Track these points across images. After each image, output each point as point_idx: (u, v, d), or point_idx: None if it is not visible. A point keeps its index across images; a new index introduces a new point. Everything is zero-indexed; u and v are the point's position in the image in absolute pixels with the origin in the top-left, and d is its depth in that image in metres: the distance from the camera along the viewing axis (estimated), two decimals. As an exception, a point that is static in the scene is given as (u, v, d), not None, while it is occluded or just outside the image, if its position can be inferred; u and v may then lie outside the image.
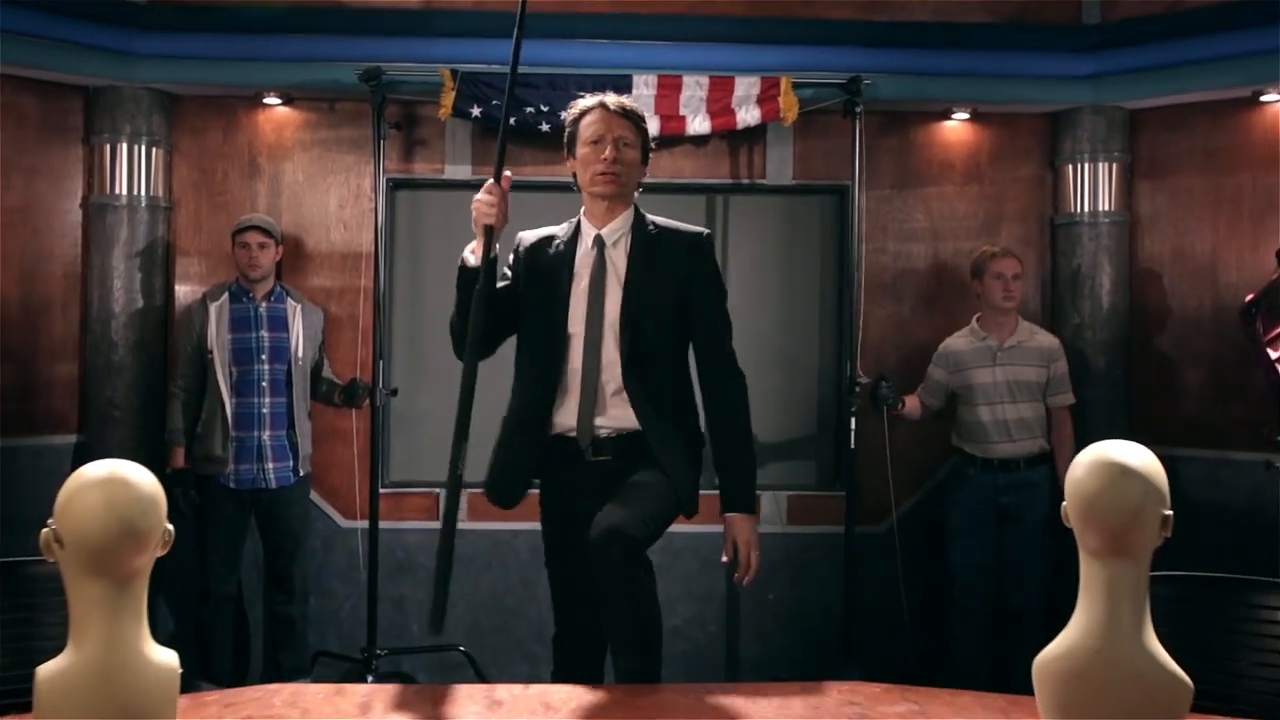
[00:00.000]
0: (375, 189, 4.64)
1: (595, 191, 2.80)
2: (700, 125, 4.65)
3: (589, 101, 2.84)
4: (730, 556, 2.72)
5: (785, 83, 4.60)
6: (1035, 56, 4.80)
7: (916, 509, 4.85)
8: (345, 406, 4.59)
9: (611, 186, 2.77)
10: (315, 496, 4.77)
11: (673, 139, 4.65)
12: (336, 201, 4.90)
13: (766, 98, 4.62)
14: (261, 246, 4.44)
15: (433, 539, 4.81)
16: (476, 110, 4.57)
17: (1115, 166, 4.87)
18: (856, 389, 4.56)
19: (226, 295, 4.46)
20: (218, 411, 4.37)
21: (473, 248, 2.74)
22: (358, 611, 4.67)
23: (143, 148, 4.72)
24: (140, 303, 4.73)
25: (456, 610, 4.80)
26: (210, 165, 4.89)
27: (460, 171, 4.90)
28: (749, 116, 4.64)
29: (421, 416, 4.90)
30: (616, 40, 4.69)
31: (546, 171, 4.73)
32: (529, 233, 2.92)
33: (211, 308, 4.43)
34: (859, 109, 4.56)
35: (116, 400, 4.67)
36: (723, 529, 2.76)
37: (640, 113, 2.88)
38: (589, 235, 2.83)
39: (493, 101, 4.53)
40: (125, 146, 4.70)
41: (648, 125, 2.90)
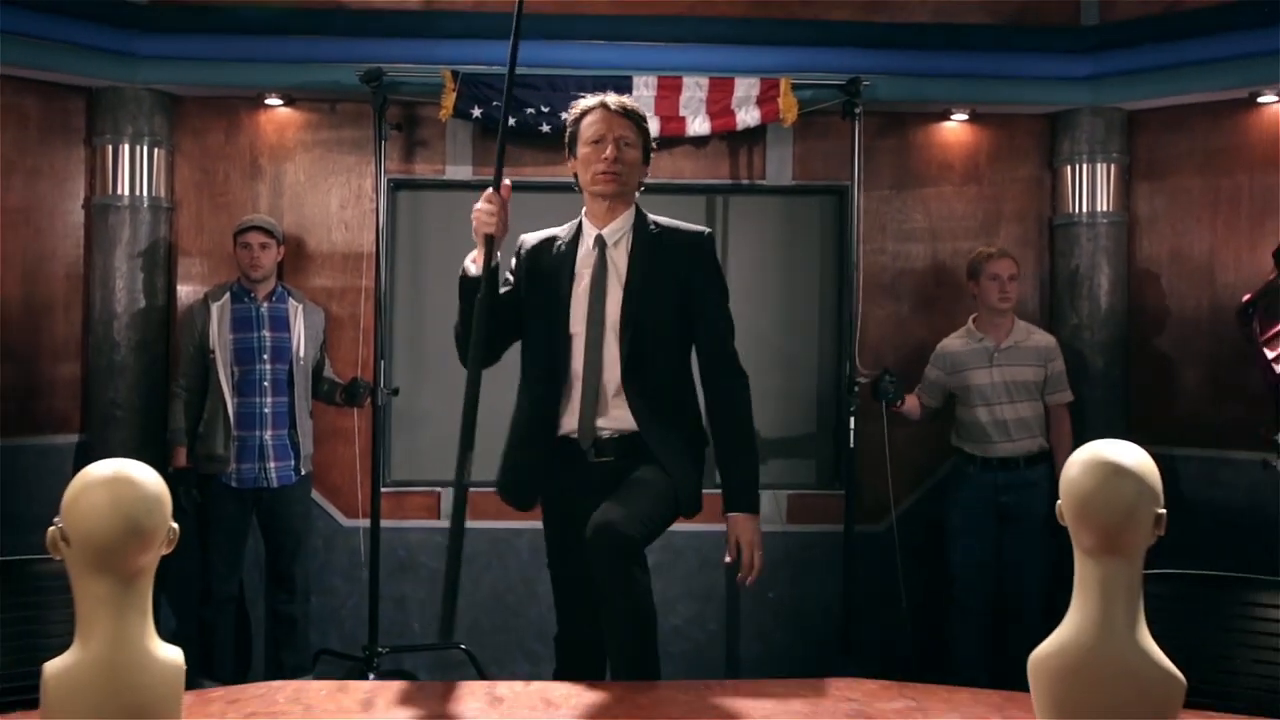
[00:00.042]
0: (376, 189, 4.65)
1: (596, 191, 2.79)
2: (700, 126, 4.66)
3: (590, 101, 2.82)
4: (733, 557, 2.70)
5: (785, 84, 4.62)
6: (1034, 58, 4.81)
7: (916, 508, 4.87)
8: (347, 405, 4.60)
9: (613, 185, 2.76)
10: (317, 495, 4.78)
11: (672, 140, 4.66)
12: (338, 202, 4.92)
13: (766, 99, 4.64)
14: (263, 247, 4.46)
15: (434, 538, 4.88)
16: (477, 111, 4.58)
17: (1113, 167, 4.88)
18: (856, 388, 4.58)
19: (228, 295, 4.47)
20: (220, 411, 4.39)
21: (474, 256, 2.71)
22: (359, 610, 4.68)
23: (145, 148, 4.73)
24: (142, 303, 4.74)
25: (458, 608, 4.83)
26: (212, 166, 4.90)
27: (461, 172, 4.91)
28: (749, 117, 4.65)
29: (423, 416, 4.92)
30: (616, 42, 4.70)
31: (547, 172, 4.75)
32: (530, 235, 2.90)
33: (213, 308, 4.45)
34: (858, 110, 4.58)
35: (119, 400, 4.68)
36: (724, 528, 2.74)
37: (641, 112, 2.86)
38: (590, 235, 2.82)
39: (493, 103, 4.54)
40: (127, 147, 4.71)
41: (648, 125, 2.88)
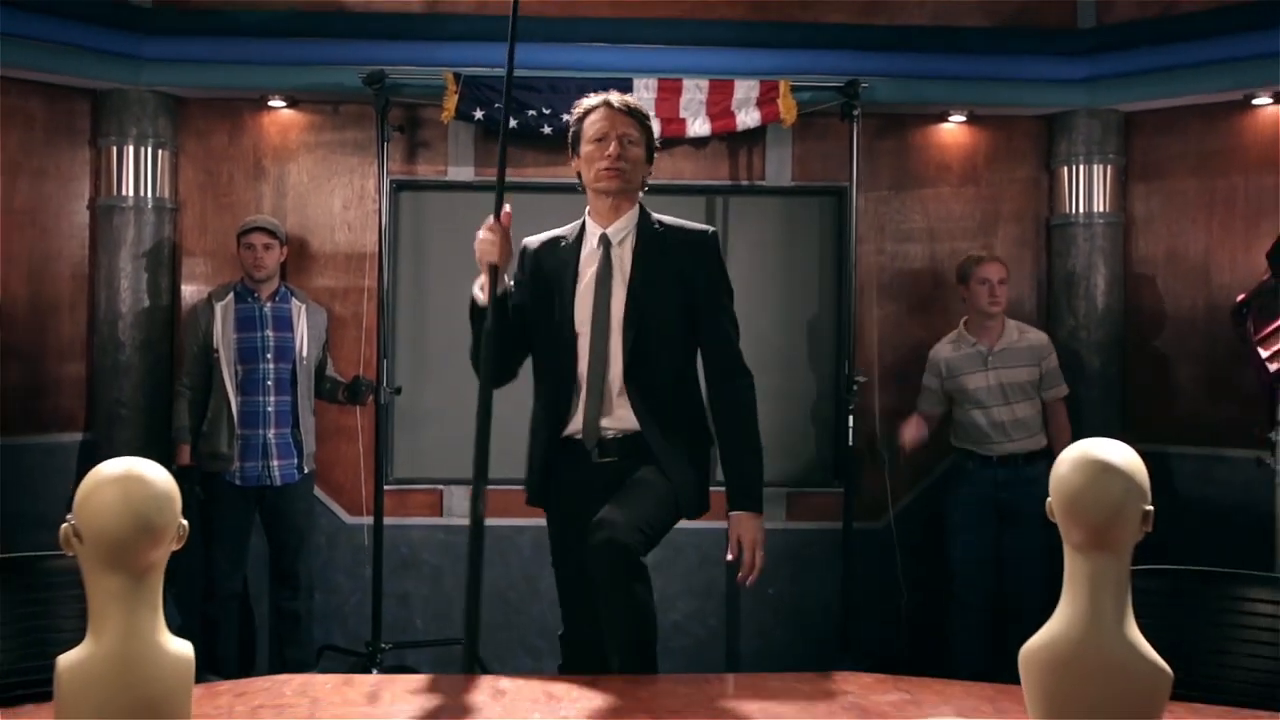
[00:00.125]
0: (379, 190, 4.69)
1: (600, 188, 2.77)
2: (700, 128, 4.68)
3: (593, 100, 2.80)
4: (735, 555, 2.67)
5: (784, 85, 4.65)
6: (1031, 60, 4.84)
7: (914, 505, 4.90)
8: (349, 404, 4.63)
9: (616, 182, 2.74)
10: (320, 493, 4.82)
11: (672, 140, 4.69)
12: (341, 203, 4.95)
13: (766, 100, 4.67)
14: (266, 247, 4.48)
15: (436, 535, 4.93)
16: (479, 113, 4.60)
17: (1110, 168, 4.91)
18: (854, 387, 4.61)
19: (232, 295, 4.50)
20: (223, 410, 4.41)
21: (481, 284, 2.70)
22: (362, 606, 4.72)
23: (149, 150, 4.77)
24: (147, 303, 4.78)
25: (460, 605, 4.86)
26: (216, 167, 4.93)
27: (463, 173, 4.95)
28: (748, 119, 4.68)
29: (425, 415, 4.95)
30: (616, 44, 4.73)
31: (548, 173, 4.79)
32: (533, 238, 2.89)
33: (217, 307, 4.47)
34: (856, 111, 4.61)
35: (123, 399, 4.72)
36: (725, 525, 2.71)
37: (644, 111, 2.84)
38: (594, 234, 2.80)
39: (495, 105, 4.57)
40: (131, 149, 4.75)
41: (651, 124, 2.86)
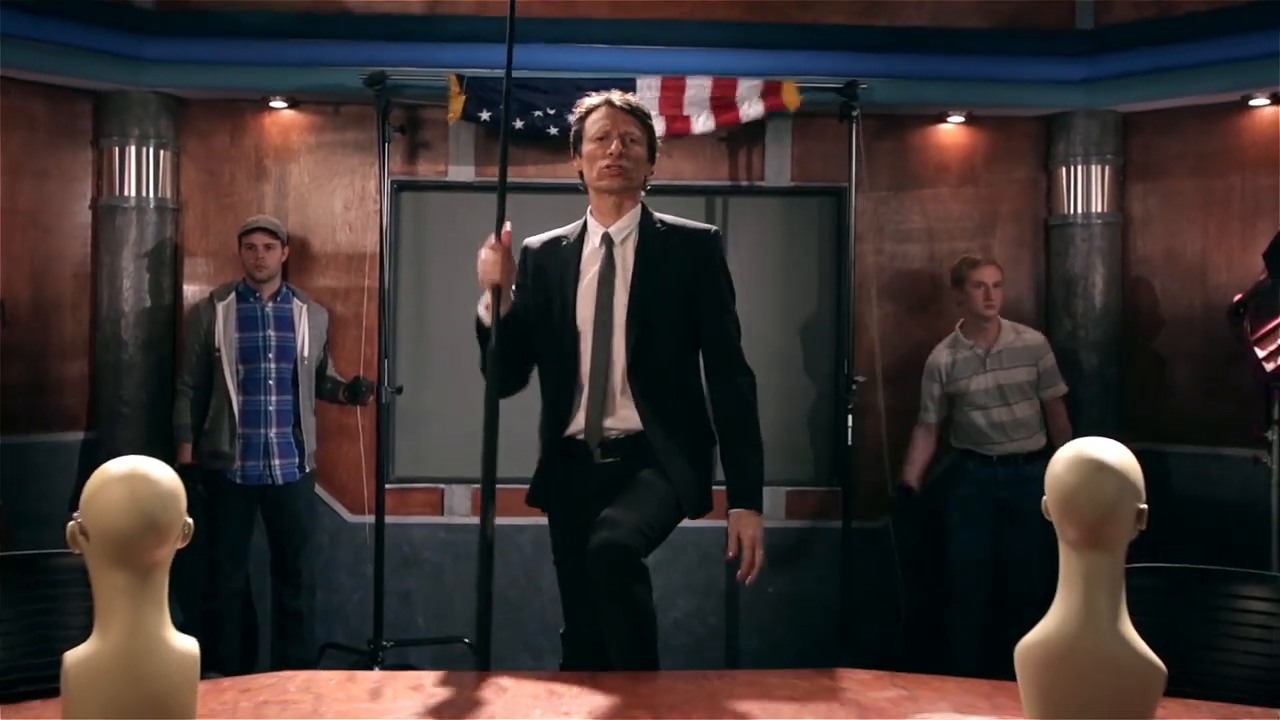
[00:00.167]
0: (380, 191, 4.71)
1: (602, 186, 2.76)
2: (705, 123, 4.66)
3: (595, 99, 2.80)
4: (734, 553, 2.66)
5: (787, 83, 4.64)
6: (1029, 61, 4.86)
7: (914, 504, 4.91)
8: (349, 404, 4.65)
9: (618, 180, 2.74)
10: (322, 492, 4.84)
11: (676, 138, 4.65)
12: (342, 203, 4.97)
13: (769, 92, 4.65)
14: (267, 248, 4.50)
15: (437, 534, 4.95)
16: (485, 114, 4.60)
17: (1108, 169, 4.93)
18: (853, 386, 4.62)
19: (234, 295, 4.52)
20: (225, 409, 4.43)
21: (486, 303, 2.70)
22: (364, 605, 4.74)
23: (151, 150, 4.79)
24: (149, 302, 4.80)
25: (461, 603, 4.89)
26: (217, 167, 4.95)
27: (464, 173, 4.97)
28: (752, 110, 4.66)
29: (426, 414, 4.98)
30: (617, 45, 4.75)
31: (549, 173, 4.81)
32: (534, 238, 2.89)
33: (219, 307, 4.49)
34: (856, 112, 4.63)
35: (126, 398, 4.74)
36: (725, 524, 2.70)
37: (646, 110, 2.83)
38: (596, 233, 2.80)
39: (501, 106, 4.55)
40: (134, 149, 4.77)
41: (653, 123, 2.87)
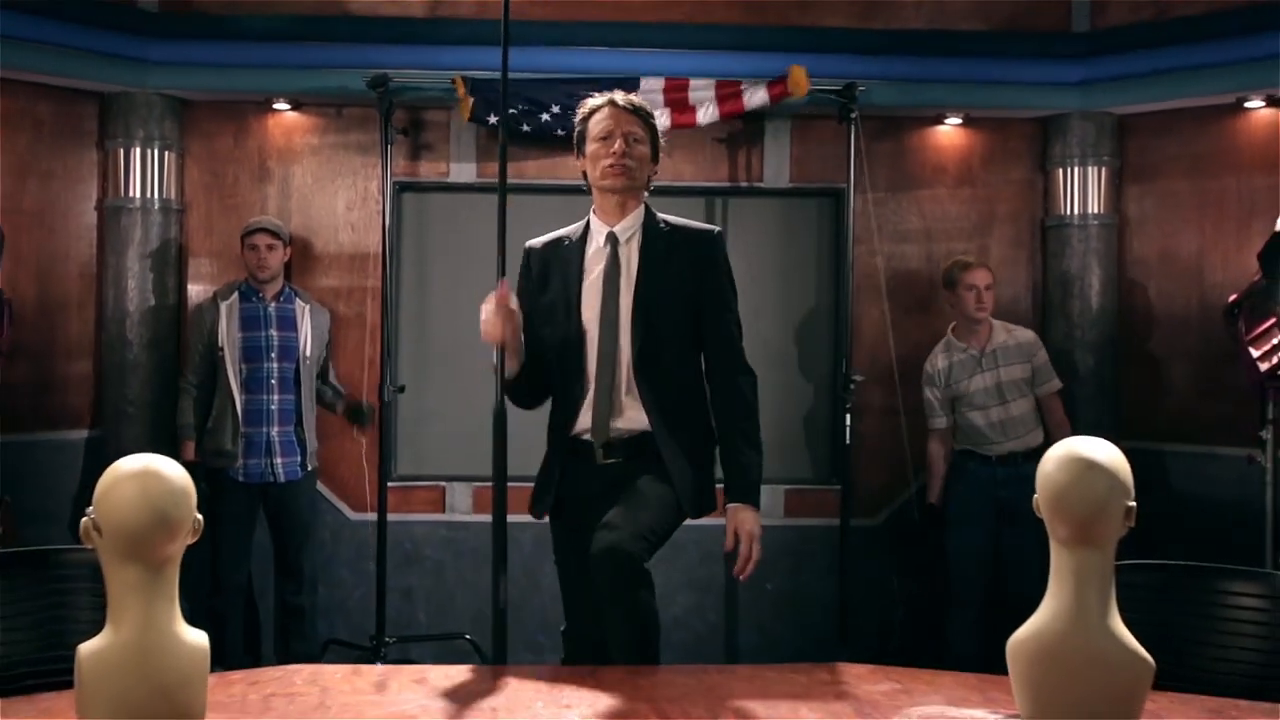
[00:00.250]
0: (382, 191, 4.74)
1: (605, 186, 2.76)
2: (709, 114, 4.65)
3: (598, 100, 2.81)
4: (732, 546, 2.67)
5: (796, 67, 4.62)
6: (1026, 63, 4.90)
7: (908, 504, 4.92)
8: (349, 422, 4.72)
9: (621, 179, 2.74)
10: (325, 490, 4.88)
11: (682, 131, 4.67)
12: (344, 204, 5.01)
13: (774, 83, 4.64)
14: (270, 248, 4.53)
15: (438, 531, 5.02)
16: (493, 118, 4.60)
17: (1104, 170, 4.96)
18: (851, 386, 4.66)
19: (236, 295, 4.55)
20: (228, 407, 4.47)
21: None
22: (366, 601, 4.78)
23: (155, 152, 4.83)
24: (153, 302, 4.83)
25: (462, 599, 4.93)
26: (221, 169, 4.99)
27: (465, 173, 5.01)
28: (756, 99, 4.65)
29: (428, 413, 5.02)
30: (617, 47, 4.77)
31: (549, 173, 4.84)
32: (536, 240, 2.90)
33: (222, 306, 4.52)
34: (854, 114, 4.66)
35: (130, 397, 4.78)
36: (725, 521, 2.70)
37: (649, 110, 2.83)
38: (600, 233, 2.80)
39: (510, 111, 4.55)
40: (138, 151, 4.81)
41: (657, 122, 2.88)
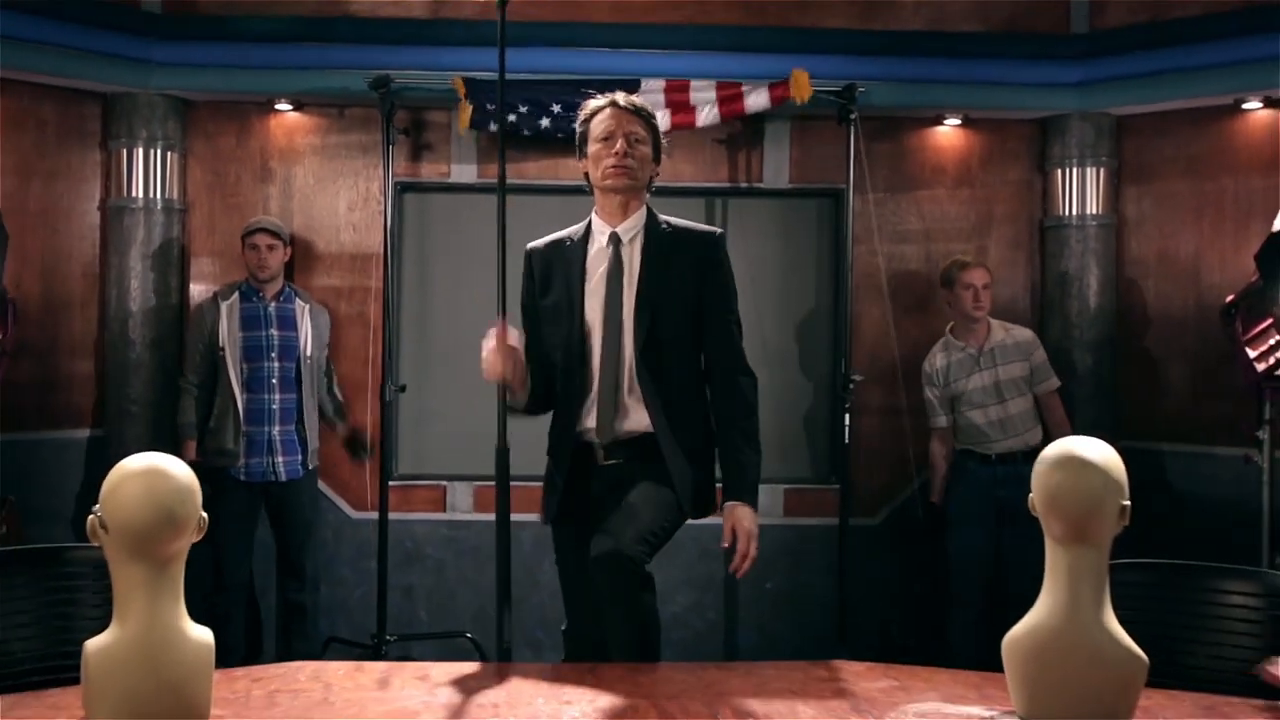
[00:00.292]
0: (383, 192, 4.77)
1: (607, 186, 2.77)
2: (710, 115, 4.67)
3: (599, 101, 2.81)
4: (729, 543, 2.67)
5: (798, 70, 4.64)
6: (1025, 64, 4.92)
7: (911, 501, 4.95)
8: (346, 450, 4.76)
9: (624, 179, 2.74)
10: (327, 489, 4.91)
11: (682, 130, 4.68)
12: (346, 204, 5.03)
13: (775, 85, 4.66)
14: (270, 248, 4.55)
15: (439, 530, 5.04)
16: (494, 127, 4.60)
17: (1102, 171, 4.99)
18: (850, 386, 4.68)
19: (237, 294, 4.57)
20: (229, 407, 4.48)
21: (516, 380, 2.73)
22: (367, 599, 4.80)
23: (158, 152, 4.85)
24: (156, 302, 4.85)
25: (462, 598, 4.96)
26: (223, 169, 5.01)
27: (466, 174, 5.03)
28: (757, 102, 4.67)
29: (429, 412, 5.04)
30: (618, 49, 4.80)
31: (549, 174, 4.86)
32: (537, 242, 2.91)
33: (223, 306, 4.54)
34: (853, 115, 4.67)
35: (133, 396, 4.80)
36: (723, 518, 2.70)
37: (650, 111, 2.84)
38: (603, 233, 2.80)
39: (510, 116, 4.57)
40: (141, 151, 4.83)
41: (658, 123, 2.89)
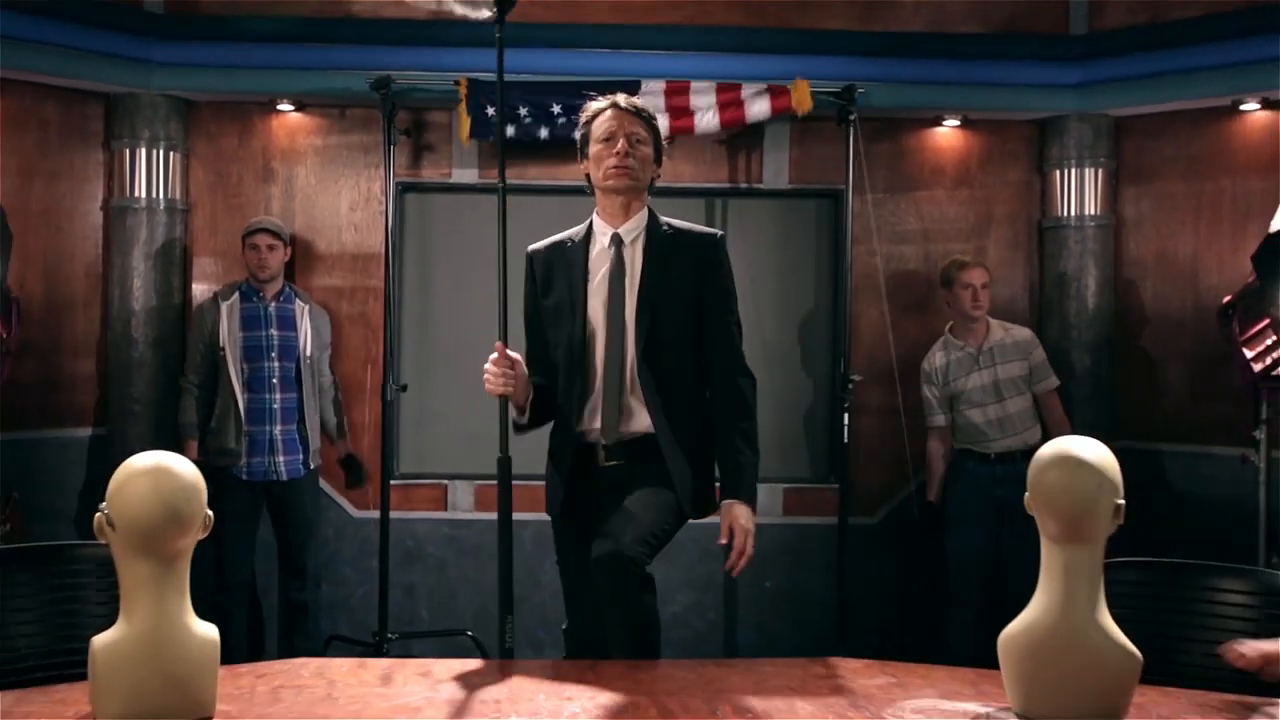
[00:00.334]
0: (385, 192, 4.78)
1: (609, 187, 2.78)
2: (709, 121, 4.69)
3: (601, 103, 2.83)
4: (726, 540, 2.68)
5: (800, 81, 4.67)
6: (1024, 65, 4.94)
7: (910, 501, 4.96)
8: (343, 471, 4.77)
9: (625, 180, 2.75)
10: (328, 488, 4.92)
11: (681, 135, 4.70)
12: (347, 204, 5.05)
13: (776, 93, 4.68)
14: (270, 248, 4.56)
15: (440, 529, 5.06)
16: (492, 139, 4.63)
17: (1101, 172, 5.00)
18: (850, 386, 4.70)
19: (237, 294, 4.58)
20: (231, 407, 4.50)
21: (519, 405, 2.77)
22: (369, 598, 4.82)
23: (161, 152, 4.87)
24: (158, 301, 4.87)
25: (464, 596, 4.98)
26: (225, 169, 5.03)
27: (467, 175, 5.04)
28: (758, 111, 4.69)
29: (430, 411, 5.06)
30: (619, 50, 4.82)
31: (549, 175, 4.88)
32: (538, 244, 2.92)
33: (223, 306, 4.55)
34: (853, 116, 4.69)
35: (136, 395, 4.82)
36: (721, 516, 2.71)
37: (651, 112, 2.86)
38: (604, 234, 2.81)
39: (510, 125, 4.59)
40: (144, 151, 4.85)
41: (658, 124, 2.90)
